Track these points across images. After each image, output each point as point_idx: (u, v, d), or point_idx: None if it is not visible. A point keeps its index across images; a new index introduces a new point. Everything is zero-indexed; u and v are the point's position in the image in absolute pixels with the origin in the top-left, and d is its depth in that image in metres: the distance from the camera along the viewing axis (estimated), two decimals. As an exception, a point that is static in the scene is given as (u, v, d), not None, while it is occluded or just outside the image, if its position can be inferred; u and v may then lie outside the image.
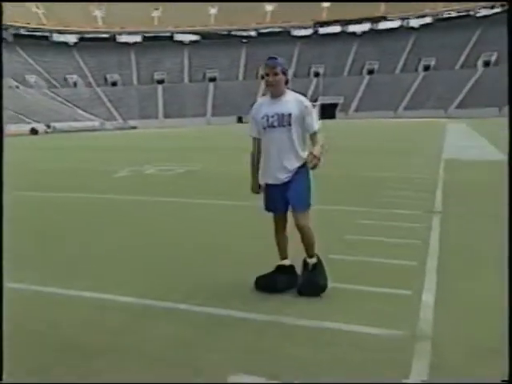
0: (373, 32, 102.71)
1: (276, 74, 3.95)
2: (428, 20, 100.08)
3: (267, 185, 4.18)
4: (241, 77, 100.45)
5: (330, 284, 4.18)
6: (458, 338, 3.28)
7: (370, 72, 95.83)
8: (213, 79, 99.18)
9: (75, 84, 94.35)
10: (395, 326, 3.45)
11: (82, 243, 6.10)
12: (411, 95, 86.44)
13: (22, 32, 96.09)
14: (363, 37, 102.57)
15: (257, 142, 4.20)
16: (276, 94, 4.03)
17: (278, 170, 4.06)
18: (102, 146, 30.59)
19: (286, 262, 4.28)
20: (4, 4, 3.11)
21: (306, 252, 4.21)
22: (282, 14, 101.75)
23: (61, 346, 3.31)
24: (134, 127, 76.76)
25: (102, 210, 8.52)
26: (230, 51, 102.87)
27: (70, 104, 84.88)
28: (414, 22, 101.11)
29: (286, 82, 4.05)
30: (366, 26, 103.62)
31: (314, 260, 4.20)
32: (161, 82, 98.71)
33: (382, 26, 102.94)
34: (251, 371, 2.91)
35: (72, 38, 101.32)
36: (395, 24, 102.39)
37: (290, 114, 3.97)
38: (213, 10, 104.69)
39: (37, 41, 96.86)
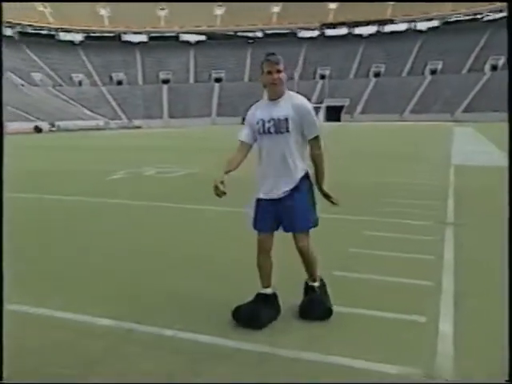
0: (379, 34, 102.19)
1: (279, 71, 3.51)
2: (435, 23, 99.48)
3: (259, 199, 3.64)
4: (246, 78, 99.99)
5: (336, 308, 3.72)
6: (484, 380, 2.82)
7: (377, 75, 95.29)
8: (218, 80, 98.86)
9: (80, 83, 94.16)
10: (410, 363, 2.98)
11: (63, 252, 5.66)
12: (417, 99, 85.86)
13: (29, 30, 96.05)
14: (370, 39, 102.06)
15: (244, 147, 3.64)
16: (276, 95, 3.55)
17: (275, 183, 3.55)
18: (104, 145, 30.21)
19: (269, 291, 3.64)
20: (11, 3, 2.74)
21: (307, 275, 3.77)
22: (289, 15, 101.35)
23: (26, 374, 2.87)
24: (139, 127, 76.48)
25: (91, 214, 8.07)
26: (236, 52, 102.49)
27: (74, 102, 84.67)
28: (422, 25, 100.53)
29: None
30: (372, 29, 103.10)
31: (317, 284, 3.76)
32: (166, 81, 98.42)
33: (389, 28, 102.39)
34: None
35: (78, 37, 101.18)
36: (402, 27, 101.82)
37: (286, 119, 3.48)
38: (219, 10, 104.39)
39: (43, 39, 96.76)
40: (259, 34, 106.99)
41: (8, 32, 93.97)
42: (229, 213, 7.61)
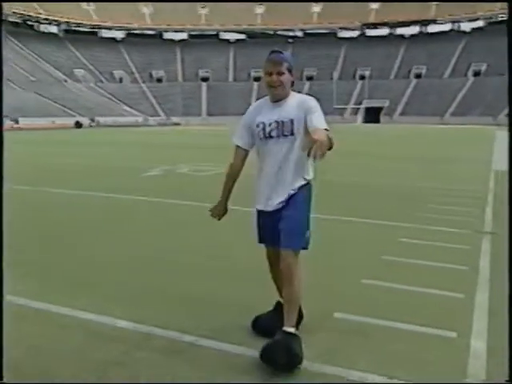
0: (422, 35, 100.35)
1: (281, 74, 3.07)
2: (480, 23, 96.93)
3: (258, 211, 3.32)
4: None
5: (363, 319, 3.58)
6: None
7: (418, 76, 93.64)
8: (257, 79, 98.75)
9: (121, 79, 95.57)
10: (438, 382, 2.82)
11: (86, 251, 5.66)
12: (459, 101, 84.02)
13: (73, 28, 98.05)
14: (411, 40, 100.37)
15: (241, 153, 3.29)
16: (278, 97, 3.15)
17: (272, 191, 3.17)
18: (141, 142, 30.51)
19: None
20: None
21: (284, 317, 3.05)
22: (329, 14, 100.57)
23: (37, 375, 2.83)
24: (177, 124, 77.19)
25: (120, 212, 8.10)
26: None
27: (115, 99, 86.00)
28: (466, 26, 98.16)
29: (292, 84, 3.18)
30: (414, 29, 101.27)
31: (291, 329, 3.02)
32: (205, 79, 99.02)
33: (432, 29, 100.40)
34: None
35: (120, 34, 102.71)
36: (445, 27, 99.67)
37: (291, 120, 3.08)
38: (259, 9, 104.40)
39: (86, 36, 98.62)
40: (299, 34, 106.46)
41: (54, 29, 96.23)
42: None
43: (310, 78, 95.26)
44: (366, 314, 3.73)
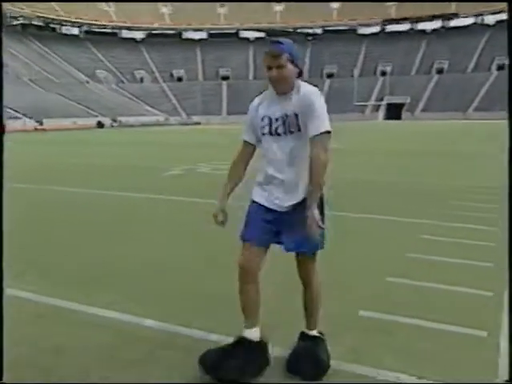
0: (443, 30, 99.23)
1: (281, 67, 2.69)
2: (505, 16, 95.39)
3: (254, 202, 2.95)
4: (306, 74, 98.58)
5: (389, 317, 3.52)
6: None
7: (439, 71, 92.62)
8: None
9: (142, 79, 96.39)
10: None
11: (109, 251, 5.66)
12: (482, 96, 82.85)
13: (94, 29, 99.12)
14: (433, 34, 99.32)
15: (248, 148, 2.99)
16: (281, 91, 2.77)
17: (283, 193, 2.80)
18: (163, 141, 30.66)
19: (254, 335, 2.89)
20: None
21: (306, 321, 3.01)
22: (349, 11, 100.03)
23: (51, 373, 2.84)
24: (198, 123, 77.49)
25: (139, 211, 8.12)
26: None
27: (136, 99, 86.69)
28: (489, 19, 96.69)
29: (299, 75, 2.79)
30: (436, 24, 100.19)
31: (314, 332, 3.00)
32: (225, 78, 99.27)
33: (454, 23, 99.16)
34: None
35: (140, 35, 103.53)
36: (468, 21, 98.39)
37: (296, 116, 2.70)
38: (279, 7, 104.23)
39: (107, 37, 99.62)
40: (319, 31, 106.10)
41: (75, 31, 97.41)
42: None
43: (330, 76, 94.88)
44: (393, 312, 3.67)
